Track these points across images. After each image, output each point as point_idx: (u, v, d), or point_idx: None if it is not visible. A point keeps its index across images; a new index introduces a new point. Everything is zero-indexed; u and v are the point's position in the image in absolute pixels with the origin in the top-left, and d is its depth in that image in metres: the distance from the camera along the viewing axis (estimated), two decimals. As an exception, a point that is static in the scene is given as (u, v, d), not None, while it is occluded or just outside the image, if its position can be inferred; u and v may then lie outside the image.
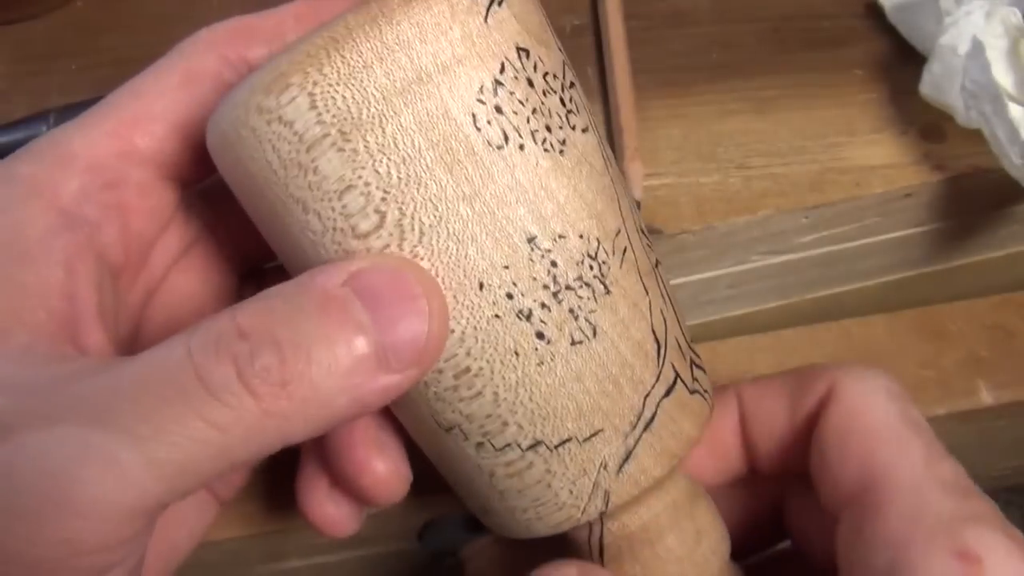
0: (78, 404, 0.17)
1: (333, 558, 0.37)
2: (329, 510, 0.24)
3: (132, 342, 0.24)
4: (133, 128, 0.22)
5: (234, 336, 0.17)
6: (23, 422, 0.17)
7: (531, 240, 0.19)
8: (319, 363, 0.17)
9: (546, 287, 0.20)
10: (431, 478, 0.24)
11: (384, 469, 0.23)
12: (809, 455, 0.23)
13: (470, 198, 0.19)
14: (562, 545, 0.24)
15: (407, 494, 0.24)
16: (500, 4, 0.19)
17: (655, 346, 0.21)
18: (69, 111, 0.34)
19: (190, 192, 0.24)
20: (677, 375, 0.22)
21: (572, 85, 0.21)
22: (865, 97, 0.38)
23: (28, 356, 0.19)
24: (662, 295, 0.22)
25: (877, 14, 0.40)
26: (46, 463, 0.17)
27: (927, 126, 0.37)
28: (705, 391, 0.23)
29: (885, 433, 0.22)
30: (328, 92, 0.18)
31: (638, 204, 0.34)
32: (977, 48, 0.32)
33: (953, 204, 0.36)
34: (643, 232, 0.22)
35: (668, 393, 0.21)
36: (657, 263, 0.22)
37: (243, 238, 0.26)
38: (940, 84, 0.35)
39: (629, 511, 0.22)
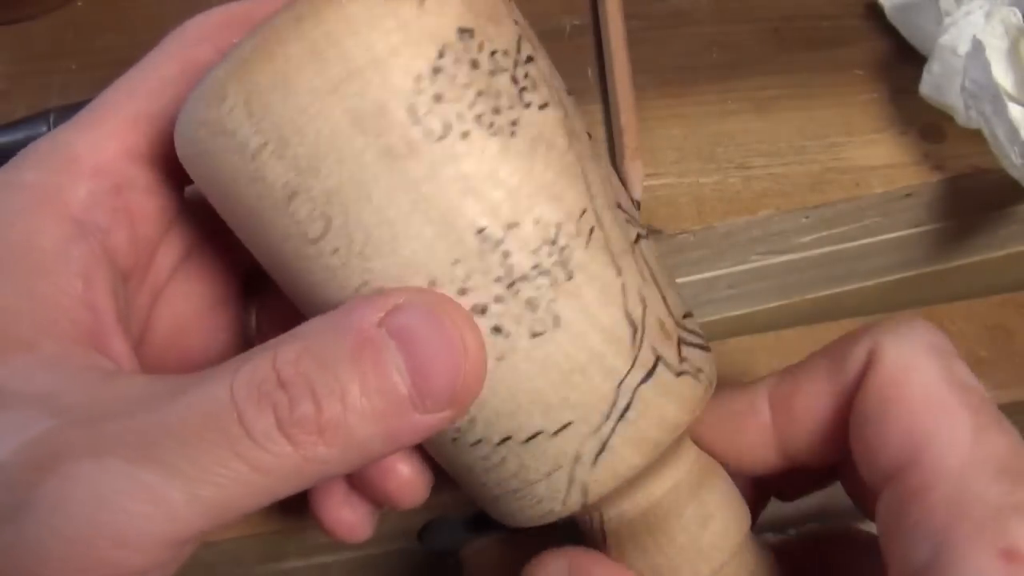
0: (126, 438, 0.17)
1: (333, 558, 0.37)
2: (345, 514, 0.24)
3: (139, 344, 0.24)
4: (134, 127, 0.22)
5: (274, 385, 0.18)
6: (71, 451, 0.17)
7: (480, 232, 0.19)
8: (354, 409, 0.18)
9: (499, 279, 0.19)
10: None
11: (409, 472, 0.23)
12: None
13: (411, 194, 0.18)
14: (563, 540, 0.24)
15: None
16: None
17: (630, 330, 0.20)
18: (69, 111, 0.34)
19: (191, 193, 0.24)
20: (658, 359, 0.21)
21: (530, 60, 0.20)
22: (865, 97, 0.38)
23: (63, 366, 0.19)
24: (641, 273, 0.21)
25: (877, 14, 0.40)
26: (94, 494, 0.17)
27: (927, 126, 0.37)
28: (699, 370, 0.22)
29: (928, 402, 0.20)
30: (263, 99, 0.18)
31: (637, 204, 0.34)
32: (977, 48, 0.32)
33: (953, 204, 0.36)
34: (622, 206, 0.21)
35: (647, 378, 0.20)
36: (639, 237, 0.21)
37: None
38: (940, 84, 0.35)
39: (627, 497, 0.22)
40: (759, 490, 0.26)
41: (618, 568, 0.22)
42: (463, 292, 0.19)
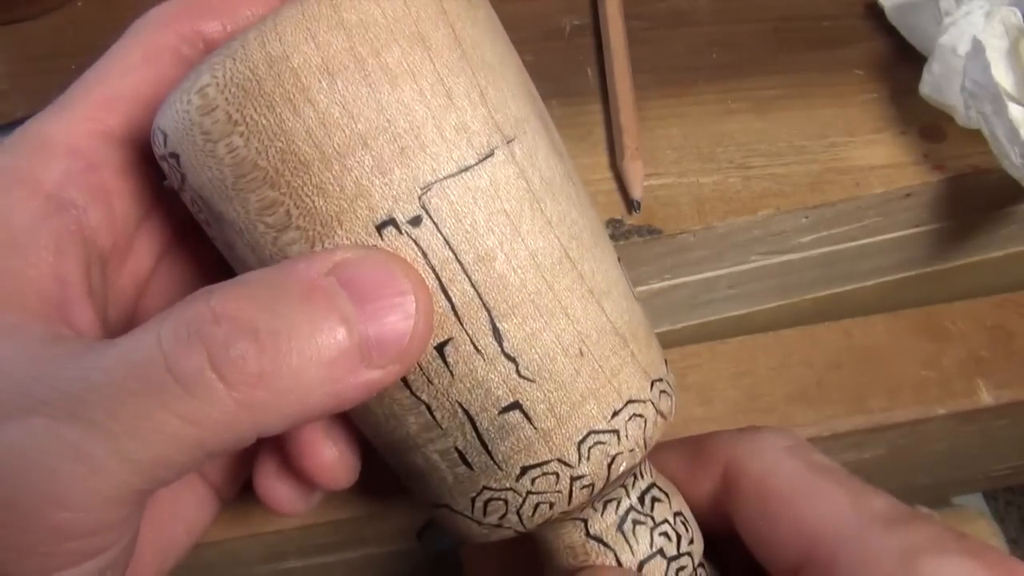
0: (53, 396, 0.17)
1: (333, 558, 0.37)
2: (277, 489, 0.23)
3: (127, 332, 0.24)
4: (104, 109, 0.22)
5: (207, 321, 0.17)
6: (1, 412, 0.17)
7: None
8: (299, 353, 0.17)
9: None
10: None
11: (329, 455, 0.22)
12: (717, 526, 0.23)
13: None
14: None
15: (406, 494, 0.24)
16: None
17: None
18: (69, 111, 0.34)
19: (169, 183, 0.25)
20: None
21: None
22: (865, 97, 0.38)
23: (18, 336, 0.19)
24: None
25: (877, 14, 0.40)
26: (23, 455, 0.17)
27: (927, 126, 0.37)
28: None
29: (802, 491, 0.21)
30: None
31: (638, 204, 0.34)
32: (977, 48, 0.32)
33: (953, 204, 0.36)
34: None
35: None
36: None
37: None
38: (940, 84, 0.35)
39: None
40: None
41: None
42: None
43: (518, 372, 0.20)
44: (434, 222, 0.19)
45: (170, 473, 0.17)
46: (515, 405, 0.20)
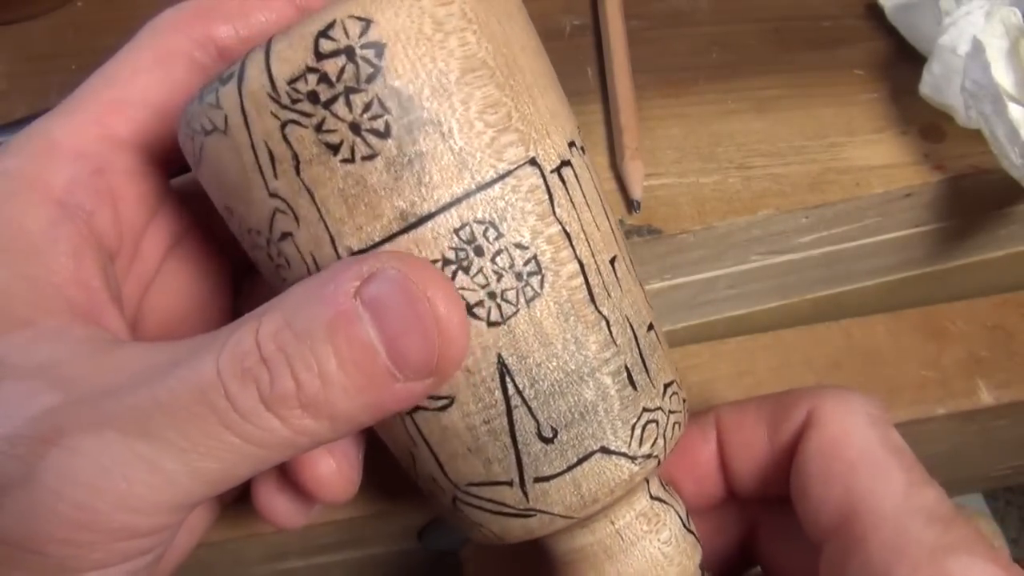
0: (123, 413, 0.18)
1: (333, 558, 0.37)
2: (275, 501, 0.24)
3: (133, 332, 0.24)
4: (112, 113, 0.22)
5: (255, 360, 0.18)
6: (73, 425, 0.18)
7: None
8: (332, 384, 0.18)
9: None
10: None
11: (327, 468, 0.22)
12: (788, 481, 0.23)
13: None
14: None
15: (407, 494, 0.24)
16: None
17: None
18: (69, 111, 0.34)
19: (177, 182, 0.25)
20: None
21: (285, 236, 0.20)
22: (865, 97, 0.38)
23: (63, 338, 0.19)
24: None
25: (877, 14, 0.40)
26: (98, 464, 0.18)
27: (927, 126, 0.37)
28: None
29: (866, 461, 0.22)
30: None
31: (638, 204, 0.34)
32: (977, 48, 0.32)
33: (953, 204, 0.36)
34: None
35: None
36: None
37: None
38: (940, 84, 0.35)
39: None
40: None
41: None
42: None
43: (646, 297, 0.23)
44: (587, 159, 0.22)
45: (232, 483, 0.19)
46: (652, 326, 0.22)
